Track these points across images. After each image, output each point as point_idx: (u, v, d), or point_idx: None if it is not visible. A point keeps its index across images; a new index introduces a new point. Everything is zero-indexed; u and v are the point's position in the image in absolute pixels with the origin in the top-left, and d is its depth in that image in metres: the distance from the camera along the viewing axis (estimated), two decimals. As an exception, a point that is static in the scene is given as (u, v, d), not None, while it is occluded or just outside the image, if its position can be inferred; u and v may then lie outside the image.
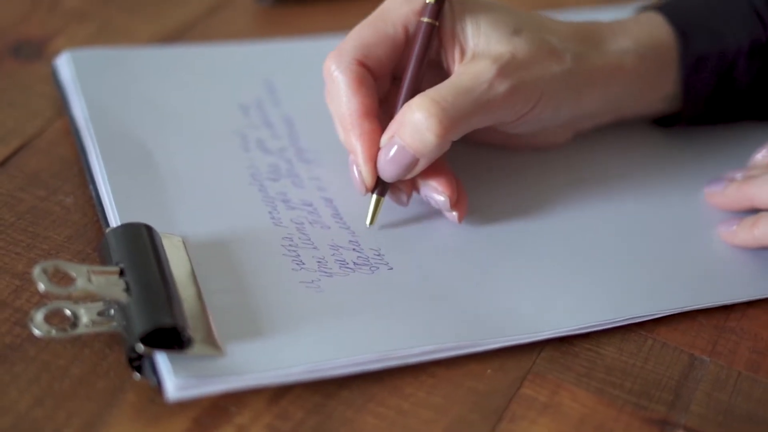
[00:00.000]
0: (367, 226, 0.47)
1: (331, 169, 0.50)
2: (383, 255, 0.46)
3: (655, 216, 0.51)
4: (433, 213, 0.48)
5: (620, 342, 0.45)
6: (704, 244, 0.49)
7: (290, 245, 0.46)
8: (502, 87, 0.47)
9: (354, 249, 0.46)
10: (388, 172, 0.47)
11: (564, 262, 0.47)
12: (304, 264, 0.45)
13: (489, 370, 0.43)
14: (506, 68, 0.47)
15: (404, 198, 0.48)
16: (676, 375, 0.44)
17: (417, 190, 0.48)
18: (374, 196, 0.47)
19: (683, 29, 0.52)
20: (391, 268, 0.45)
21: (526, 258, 0.47)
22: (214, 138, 0.51)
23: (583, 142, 0.54)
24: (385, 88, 0.49)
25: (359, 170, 0.47)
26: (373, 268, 0.45)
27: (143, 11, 0.61)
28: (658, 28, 0.53)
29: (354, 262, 0.45)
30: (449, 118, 0.45)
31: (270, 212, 0.47)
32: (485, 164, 0.52)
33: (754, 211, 0.50)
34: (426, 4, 0.47)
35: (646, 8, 0.55)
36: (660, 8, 0.54)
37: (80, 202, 0.47)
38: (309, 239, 0.46)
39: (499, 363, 0.43)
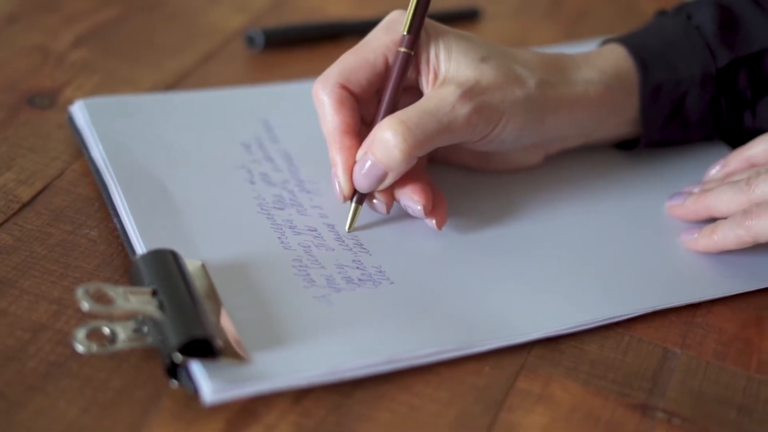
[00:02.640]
0: (346, 231, 0.53)
1: (330, 198, 0.55)
2: (384, 271, 0.51)
3: (624, 228, 0.56)
4: (427, 232, 0.53)
5: (601, 339, 0.50)
6: (670, 250, 0.55)
7: (300, 266, 0.50)
8: (464, 110, 0.52)
9: (357, 267, 0.51)
10: (361, 184, 0.52)
11: (547, 270, 0.52)
12: (314, 281, 0.49)
13: (487, 368, 0.47)
14: (469, 92, 0.52)
15: (383, 207, 0.54)
16: (653, 366, 0.49)
17: (396, 199, 0.54)
18: (353, 204, 0.53)
19: (643, 61, 0.58)
20: (393, 282, 0.50)
21: (512, 268, 0.52)
22: (222, 172, 0.56)
23: (553, 162, 0.60)
24: (371, 110, 0.55)
25: (338, 181, 0.53)
26: (376, 283, 0.50)
27: (143, 61, 0.66)
28: (620, 60, 0.58)
29: (359, 279, 0.50)
30: (414, 137, 0.51)
31: (279, 237, 0.52)
32: (466, 182, 0.58)
33: (711, 220, 0.55)
34: (403, 36, 0.53)
35: (608, 41, 0.61)
36: (622, 41, 0.59)
37: (104, 235, 0.52)
38: (316, 260, 0.51)
39: (495, 361, 0.48)
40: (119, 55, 0.66)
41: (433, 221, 0.53)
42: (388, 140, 0.51)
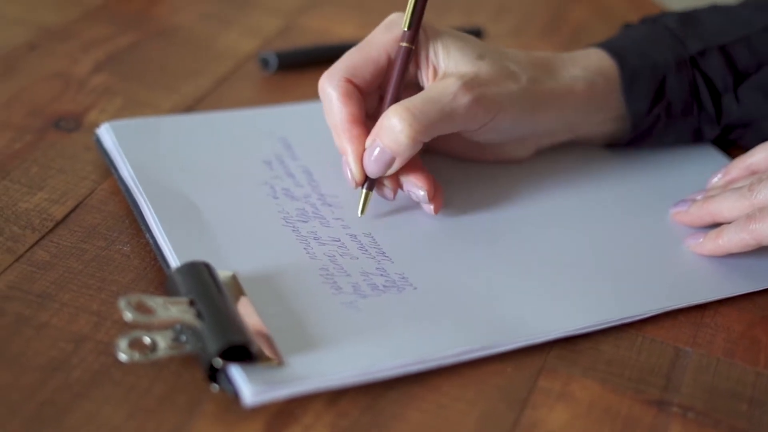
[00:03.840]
0: (359, 215, 0.56)
1: (351, 210, 0.57)
2: (407, 278, 0.53)
3: (631, 233, 0.59)
4: (445, 240, 0.56)
5: (615, 340, 0.52)
6: (676, 254, 0.57)
7: (327, 274, 0.52)
8: (464, 99, 0.56)
9: (381, 275, 0.53)
10: (372, 169, 0.56)
11: (561, 274, 0.55)
12: (341, 288, 0.52)
13: (509, 369, 0.50)
14: (469, 84, 0.56)
15: (390, 193, 0.57)
16: (666, 363, 0.51)
17: (401, 186, 0.57)
18: (364, 190, 0.56)
19: (620, 55, 0.63)
20: (416, 288, 0.52)
21: (527, 271, 0.55)
22: (246, 188, 0.58)
23: (556, 166, 0.63)
24: (374, 104, 0.58)
25: (350, 168, 0.56)
26: (400, 289, 0.52)
27: (161, 85, 0.68)
28: (601, 59, 0.63)
29: (383, 285, 0.52)
30: (419, 123, 0.55)
31: (305, 248, 0.54)
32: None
33: (715, 225, 0.58)
34: (404, 32, 0.56)
35: (588, 46, 0.65)
36: (599, 45, 0.64)
37: (137, 250, 0.54)
38: (342, 268, 0.53)
39: (516, 362, 0.50)
40: (138, 80, 0.69)
41: (431, 207, 0.57)
42: (395, 126, 0.55)
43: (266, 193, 0.58)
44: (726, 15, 0.66)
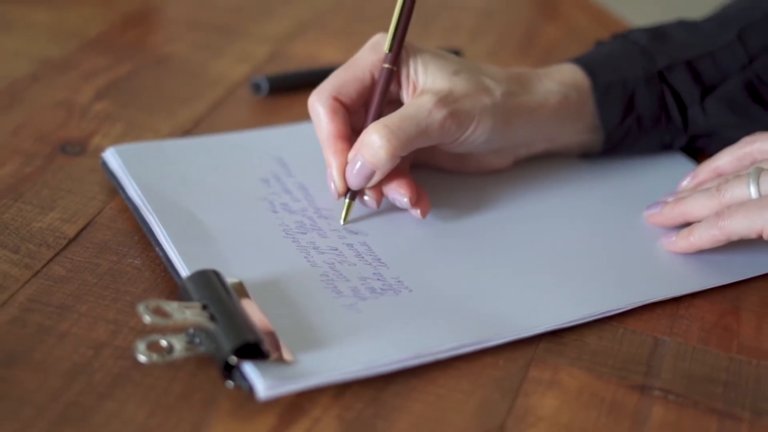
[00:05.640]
0: (341, 224, 0.60)
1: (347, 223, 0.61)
2: (402, 281, 0.57)
3: (610, 235, 0.63)
4: (438, 245, 0.60)
5: (598, 332, 0.56)
6: (653, 252, 0.61)
7: (327, 279, 0.56)
8: (439, 114, 0.60)
9: (378, 279, 0.56)
10: (353, 181, 0.60)
11: (546, 271, 0.59)
12: (341, 292, 0.55)
13: (501, 361, 0.53)
14: (443, 100, 0.60)
15: (373, 203, 0.61)
16: (646, 352, 0.55)
17: (385, 195, 0.61)
18: (346, 201, 0.61)
19: (592, 70, 0.67)
20: (411, 291, 0.56)
21: (514, 269, 0.59)
22: (246, 204, 0.61)
23: (537, 173, 0.68)
24: (360, 120, 0.62)
25: (333, 180, 0.60)
26: (396, 292, 0.56)
27: (159, 110, 0.72)
28: (574, 73, 0.67)
29: (381, 288, 0.56)
30: (397, 139, 0.59)
31: (305, 257, 0.57)
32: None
33: (685, 225, 0.62)
34: (386, 54, 0.61)
35: (562, 62, 0.69)
36: (572, 61, 0.68)
37: (147, 263, 0.57)
38: (341, 274, 0.56)
39: (508, 355, 0.53)
40: (137, 106, 0.72)
41: (418, 211, 0.61)
42: (375, 142, 0.59)
43: (266, 208, 0.61)
44: (692, 31, 0.70)
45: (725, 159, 0.64)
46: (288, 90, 0.76)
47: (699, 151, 0.71)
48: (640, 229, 0.63)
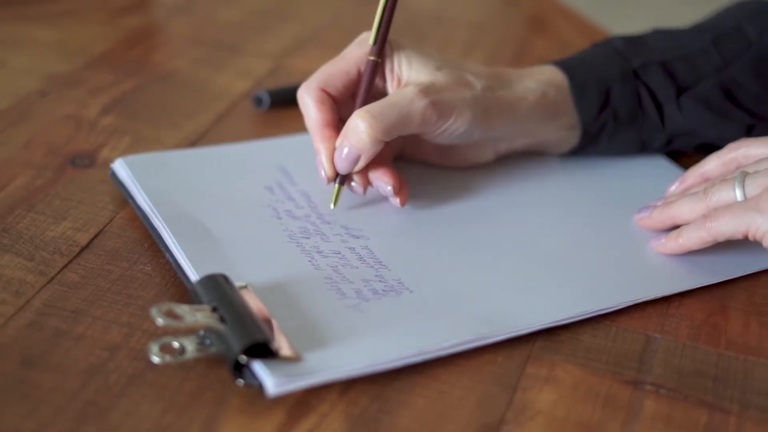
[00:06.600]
0: (331, 207, 0.64)
1: (347, 227, 0.63)
2: (403, 282, 0.59)
3: (602, 237, 0.65)
4: (435, 247, 0.62)
5: (592, 330, 0.58)
6: (643, 254, 0.64)
7: (331, 282, 0.58)
8: (421, 103, 0.63)
9: (380, 281, 0.59)
10: (341, 166, 0.63)
11: (541, 271, 0.61)
12: (345, 294, 0.57)
13: (500, 358, 0.55)
14: (426, 90, 0.64)
15: (360, 189, 0.65)
16: (638, 349, 0.57)
17: (371, 183, 0.64)
18: (335, 185, 0.64)
19: (570, 69, 0.70)
20: (412, 291, 0.58)
21: (511, 269, 0.61)
22: (251, 211, 0.64)
23: (527, 174, 0.71)
24: (347, 111, 0.65)
25: (323, 166, 0.63)
26: (398, 293, 0.58)
27: (164, 123, 0.74)
28: (553, 72, 0.71)
29: (383, 290, 0.58)
30: (379, 124, 0.62)
31: (309, 261, 0.60)
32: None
33: (674, 228, 0.64)
34: (371, 47, 0.64)
35: (541, 64, 0.72)
36: (551, 63, 0.72)
37: (157, 269, 0.59)
38: (344, 277, 0.59)
39: (506, 351, 0.56)
40: (143, 120, 0.75)
41: (398, 200, 0.64)
42: (359, 127, 0.62)
43: (270, 215, 0.64)
44: (669, 36, 0.74)
45: (712, 164, 0.67)
46: (288, 103, 0.78)
47: (681, 154, 0.74)
48: (631, 232, 0.66)
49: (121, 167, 0.65)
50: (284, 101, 0.78)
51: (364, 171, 0.64)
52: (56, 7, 0.92)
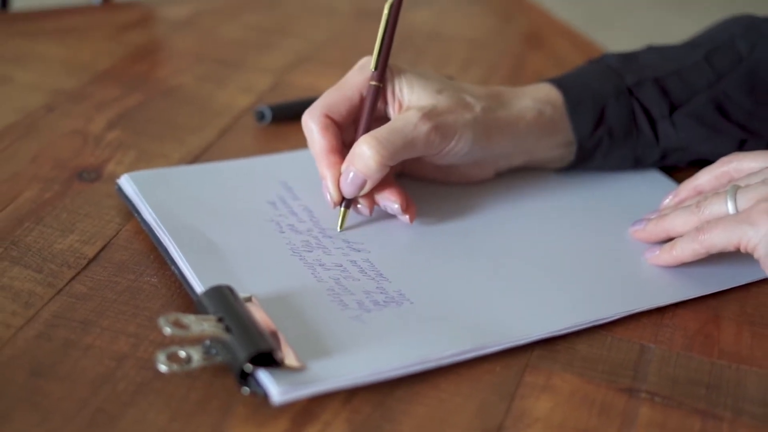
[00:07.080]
0: (338, 231, 0.65)
1: (349, 241, 0.65)
2: (404, 294, 0.60)
3: (598, 249, 0.67)
4: (435, 260, 0.64)
5: (588, 340, 0.59)
6: (638, 266, 0.65)
7: (333, 293, 0.60)
8: (424, 127, 0.65)
9: (381, 292, 0.60)
10: (347, 190, 0.65)
11: (538, 282, 0.62)
12: (347, 305, 0.59)
13: (498, 368, 0.57)
14: (428, 114, 0.65)
15: (366, 210, 0.66)
16: (633, 358, 0.58)
17: (377, 203, 0.66)
18: (341, 209, 0.65)
19: (564, 87, 0.72)
20: (413, 302, 0.60)
21: (509, 281, 0.62)
22: (254, 225, 0.65)
23: (524, 189, 0.72)
24: (350, 136, 0.67)
25: (328, 191, 0.65)
26: (398, 304, 0.59)
27: (169, 139, 0.76)
28: (548, 90, 0.72)
29: (384, 301, 0.59)
30: (385, 150, 0.64)
31: (312, 273, 0.61)
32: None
33: (667, 241, 0.65)
34: (372, 72, 0.66)
35: (537, 82, 0.74)
36: (547, 80, 0.73)
37: (163, 281, 0.60)
38: (346, 288, 0.60)
39: (504, 361, 0.57)
40: (148, 135, 0.76)
41: (407, 217, 0.66)
42: (365, 153, 0.63)
43: (273, 229, 0.65)
44: (661, 53, 0.75)
45: (704, 178, 0.68)
46: (290, 118, 0.79)
47: (675, 168, 0.75)
48: (626, 244, 0.67)
49: (126, 182, 0.67)
50: (286, 116, 0.79)
51: (370, 193, 0.65)
52: (62, 23, 0.94)
